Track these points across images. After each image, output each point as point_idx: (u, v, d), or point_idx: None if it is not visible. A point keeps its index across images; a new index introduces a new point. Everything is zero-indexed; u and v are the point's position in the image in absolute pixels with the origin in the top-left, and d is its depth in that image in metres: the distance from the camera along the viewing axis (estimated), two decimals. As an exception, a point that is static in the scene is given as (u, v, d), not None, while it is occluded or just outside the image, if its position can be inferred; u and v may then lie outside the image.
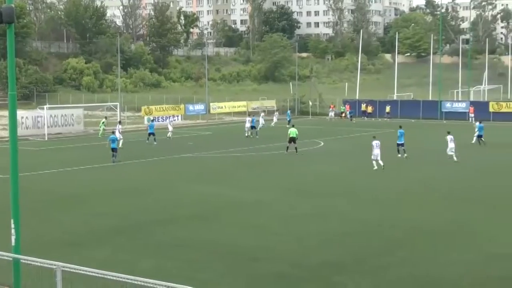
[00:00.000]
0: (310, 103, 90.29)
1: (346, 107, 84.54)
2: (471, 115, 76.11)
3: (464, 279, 17.65)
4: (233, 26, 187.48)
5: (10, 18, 13.80)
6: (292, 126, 48.09)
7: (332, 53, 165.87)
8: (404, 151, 42.94)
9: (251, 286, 17.28)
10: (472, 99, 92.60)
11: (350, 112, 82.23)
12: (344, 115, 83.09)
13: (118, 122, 56.08)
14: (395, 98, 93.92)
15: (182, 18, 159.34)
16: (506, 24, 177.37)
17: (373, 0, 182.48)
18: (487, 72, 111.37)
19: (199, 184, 33.52)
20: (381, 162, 38.09)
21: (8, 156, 14.77)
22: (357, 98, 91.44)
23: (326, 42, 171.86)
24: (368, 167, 38.36)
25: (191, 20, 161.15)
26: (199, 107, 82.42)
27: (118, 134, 46.54)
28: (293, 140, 45.27)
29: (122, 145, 47.96)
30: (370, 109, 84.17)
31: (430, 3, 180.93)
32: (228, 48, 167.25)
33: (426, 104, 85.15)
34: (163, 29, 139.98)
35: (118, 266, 17.03)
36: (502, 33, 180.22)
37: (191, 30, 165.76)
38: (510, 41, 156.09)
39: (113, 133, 45.24)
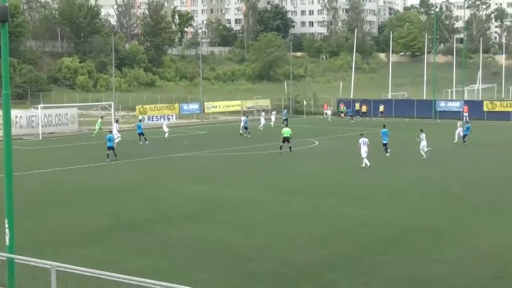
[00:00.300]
0: (305, 103, 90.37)
1: (363, 107, 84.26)
2: (465, 114, 76.27)
3: (457, 278, 17.72)
4: (227, 25, 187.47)
5: (4, 17, 13.80)
6: (285, 125, 48.17)
7: (327, 52, 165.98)
8: (386, 150, 43.48)
9: (243, 285, 17.31)
10: (466, 98, 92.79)
11: (348, 112, 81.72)
12: (343, 114, 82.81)
13: (116, 121, 55.96)
14: (389, 97, 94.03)
15: (177, 17, 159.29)
16: (500, 23, 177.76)
17: None
18: (481, 71, 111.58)
19: (192, 184, 33.53)
20: (367, 161, 38.27)
21: (2, 155, 14.78)
22: (351, 97, 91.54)
23: (321, 41, 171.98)
24: (361, 167, 38.48)
25: (186, 19, 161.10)
26: (194, 106, 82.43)
27: (115, 132, 47.22)
28: (286, 139, 45.32)
29: (116, 144, 48.21)
30: (364, 108, 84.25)
31: (424, 2, 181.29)
32: (223, 48, 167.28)
33: (420, 103, 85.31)
34: (157, 28, 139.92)
35: (111, 265, 17.07)
36: (496, 32, 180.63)
37: (186, 29, 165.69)
38: (504, 40, 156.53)
39: (110, 132, 45.63)
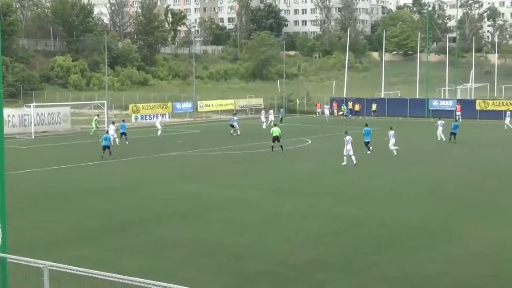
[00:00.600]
0: (298, 101, 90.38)
1: (356, 105, 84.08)
2: (458, 113, 76.37)
3: (451, 277, 17.73)
4: (220, 24, 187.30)
5: (-4, 16, 13.72)
6: (275, 125, 48.07)
7: (320, 51, 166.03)
8: (368, 148, 43.89)
9: (236, 285, 17.27)
10: (459, 97, 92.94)
11: (347, 112, 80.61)
12: (342, 113, 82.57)
13: (112, 123, 55.69)
14: (382, 96, 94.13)
15: (170, 16, 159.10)
16: (492, 22, 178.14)
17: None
18: (473, 70, 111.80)
19: (185, 183, 33.47)
20: (353, 158, 38.50)
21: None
22: (344, 96, 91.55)
23: (314, 40, 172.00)
24: (356, 166, 38.53)
25: (179, 18, 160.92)
26: (187, 105, 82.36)
27: (112, 133, 47.70)
28: (276, 139, 45.32)
29: (114, 143, 48.86)
30: (357, 107, 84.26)
31: (417, 1, 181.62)
32: (216, 46, 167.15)
33: (413, 102, 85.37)
34: (150, 27, 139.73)
35: (105, 265, 16.98)
36: (488, 31, 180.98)
37: (179, 28, 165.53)
38: (496, 39, 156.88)
39: (107, 132, 46.09)
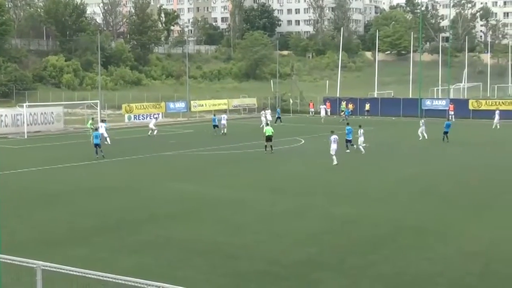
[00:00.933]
0: (291, 101, 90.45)
1: (350, 105, 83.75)
2: (451, 113, 76.63)
3: (443, 276, 17.76)
4: (214, 23, 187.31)
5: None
6: (267, 124, 48.01)
7: (313, 51, 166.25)
8: (352, 145, 44.60)
9: (230, 284, 17.27)
10: (452, 96, 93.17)
11: (346, 112, 78.55)
12: (343, 113, 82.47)
13: (102, 121, 55.69)
14: (375, 96, 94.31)
15: (163, 15, 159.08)
16: (485, 22, 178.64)
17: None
18: (466, 70, 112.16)
19: (179, 182, 33.46)
20: (334, 159, 38.76)
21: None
22: (337, 96, 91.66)
23: (307, 40, 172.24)
24: (348, 165, 38.59)
25: (172, 17, 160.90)
26: (180, 105, 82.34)
27: (103, 131, 47.90)
28: (269, 138, 45.31)
29: (108, 141, 49.14)
30: (351, 106, 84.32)
31: (410, 1, 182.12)
32: (209, 46, 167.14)
33: (407, 101, 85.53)
34: (143, 26, 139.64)
35: (98, 264, 16.99)
36: (481, 31, 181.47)
37: (172, 28, 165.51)
38: (489, 39, 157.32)
39: (96, 129, 46.23)
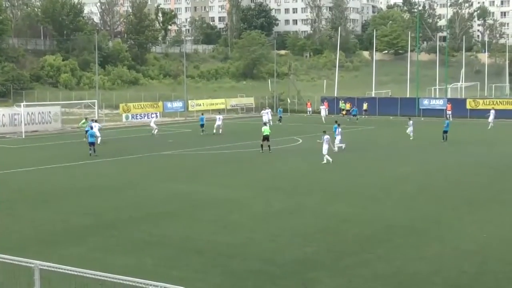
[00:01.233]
0: (289, 101, 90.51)
1: (347, 104, 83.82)
2: (449, 112, 76.77)
3: (438, 275, 17.81)
4: (211, 23, 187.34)
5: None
6: (264, 124, 47.88)
7: (311, 50, 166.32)
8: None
9: (226, 283, 17.31)
10: (449, 96, 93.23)
11: (353, 111, 78.16)
12: (345, 112, 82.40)
13: (94, 121, 55.72)
14: (373, 95, 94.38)
15: (160, 15, 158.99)
16: (482, 21, 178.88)
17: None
18: (464, 69, 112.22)
19: (175, 182, 33.50)
20: (326, 158, 39.12)
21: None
22: (335, 95, 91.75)
23: (304, 39, 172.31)
24: (344, 164, 38.70)
25: (169, 17, 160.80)
26: (178, 104, 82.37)
27: (96, 130, 47.97)
28: (266, 138, 45.25)
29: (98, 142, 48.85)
30: (348, 106, 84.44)
31: (407, 0, 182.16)
32: (207, 45, 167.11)
33: (404, 101, 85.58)
34: (141, 26, 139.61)
35: (94, 264, 17.04)
36: (478, 30, 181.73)
37: (169, 27, 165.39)
38: (486, 38, 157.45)
39: (91, 128, 46.74)
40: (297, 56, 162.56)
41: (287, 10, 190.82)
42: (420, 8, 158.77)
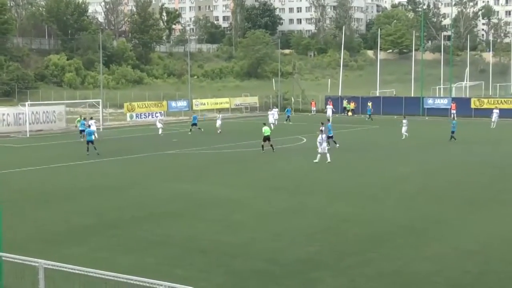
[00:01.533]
0: (293, 100, 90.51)
1: (352, 104, 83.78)
2: (453, 112, 76.72)
3: (441, 274, 17.83)
4: (215, 22, 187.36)
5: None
6: (264, 124, 47.66)
7: (315, 49, 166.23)
8: (334, 142, 45.35)
9: (228, 283, 17.36)
10: (454, 95, 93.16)
11: (368, 110, 77.58)
12: (351, 112, 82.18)
13: (90, 118, 55.97)
14: (377, 94, 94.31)
15: (164, 14, 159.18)
16: (487, 21, 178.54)
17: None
18: (468, 68, 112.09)
19: (178, 181, 33.54)
20: (318, 157, 39.46)
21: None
22: (339, 94, 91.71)
23: (309, 38, 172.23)
24: (346, 164, 38.72)
25: (173, 16, 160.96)
26: (182, 103, 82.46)
27: (94, 128, 48.57)
28: (267, 138, 45.10)
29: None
30: (352, 105, 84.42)
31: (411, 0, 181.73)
32: (211, 45, 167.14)
33: (408, 100, 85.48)
34: (145, 25, 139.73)
35: (97, 263, 17.07)
36: (483, 29, 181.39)
37: (173, 27, 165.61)
38: (491, 37, 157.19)
39: (89, 126, 47.38)
40: (301, 55, 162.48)
41: (291, 9, 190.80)
42: (425, 7, 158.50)
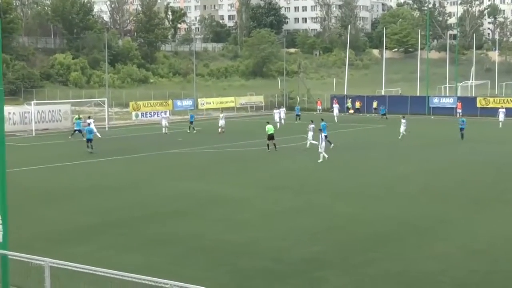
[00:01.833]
0: (298, 99, 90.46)
1: (357, 103, 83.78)
2: (459, 111, 76.59)
3: (446, 274, 17.83)
4: (220, 21, 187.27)
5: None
6: (267, 123, 47.52)
7: (320, 48, 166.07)
8: (329, 142, 45.08)
9: (234, 281, 17.39)
10: (459, 94, 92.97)
11: (382, 110, 76.33)
12: (353, 111, 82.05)
13: (88, 117, 56.13)
14: (383, 93, 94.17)
15: (170, 13, 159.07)
16: (493, 19, 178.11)
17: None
18: (474, 67, 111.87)
19: (183, 180, 33.58)
20: (324, 155, 39.70)
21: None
22: (345, 93, 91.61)
23: (314, 37, 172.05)
24: (350, 163, 38.73)
25: (179, 15, 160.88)
26: (187, 102, 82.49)
27: (93, 126, 48.93)
28: (271, 137, 45.04)
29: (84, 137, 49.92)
30: (358, 104, 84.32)
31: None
32: (216, 44, 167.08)
33: (414, 99, 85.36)
34: (150, 24, 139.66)
35: (103, 262, 17.09)
36: (489, 28, 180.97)
37: (179, 26, 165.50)
38: (497, 36, 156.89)
39: (88, 125, 48.59)
40: (306, 54, 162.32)
41: (296, 8, 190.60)
42: (430, 6, 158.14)
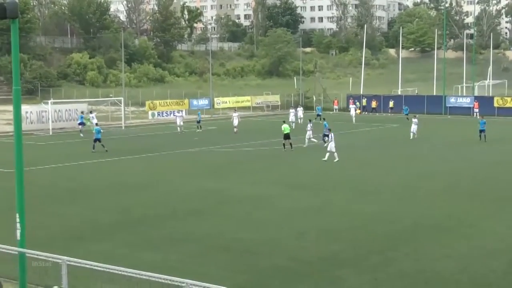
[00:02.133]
0: (314, 98, 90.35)
1: (373, 102, 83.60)
2: (476, 110, 76.19)
3: (464, 273, 17.74)
4: (237, 21, 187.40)
5: (14, 14, 13.88)
6: (283, 122, 47.47)
7: (336, 48, 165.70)
8: (324, 141, 45.16)
9: (251, 280, 17.38)
10: (476, 94, 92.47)
11: (405, 110, 75.41)
12: (359, 110, 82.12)
13: (90, 112, 56.30)
14: (399, 93, 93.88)
15: (186, 13, 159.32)
16: (510, 18, 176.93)
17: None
18: (491, 67, 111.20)
19: (201, 179, 33.63)
20: (335, 155, 39.36)
21: (13, 150, 14.88)
22: (361, 93, 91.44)
23: (330, 37, 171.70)
24: (368, 162, 38.60)
25: (195, 15, 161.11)
26: (203, 102, 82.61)
27: (95, 121, 49.33)
28: (287, 136, 44.92)
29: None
30: (374, 104, 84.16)
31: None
32: (232, 43, 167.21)
33: (431, 99, 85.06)
34: (166, 24, 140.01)
35: (120, 260, 17.11)
36: (506, 27, 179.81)
37: (195, 25, 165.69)
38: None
39: (96, 124, 48.81)
40: (322, 54, 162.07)
41: (312, 8, 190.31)
42: (447, 5, 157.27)
